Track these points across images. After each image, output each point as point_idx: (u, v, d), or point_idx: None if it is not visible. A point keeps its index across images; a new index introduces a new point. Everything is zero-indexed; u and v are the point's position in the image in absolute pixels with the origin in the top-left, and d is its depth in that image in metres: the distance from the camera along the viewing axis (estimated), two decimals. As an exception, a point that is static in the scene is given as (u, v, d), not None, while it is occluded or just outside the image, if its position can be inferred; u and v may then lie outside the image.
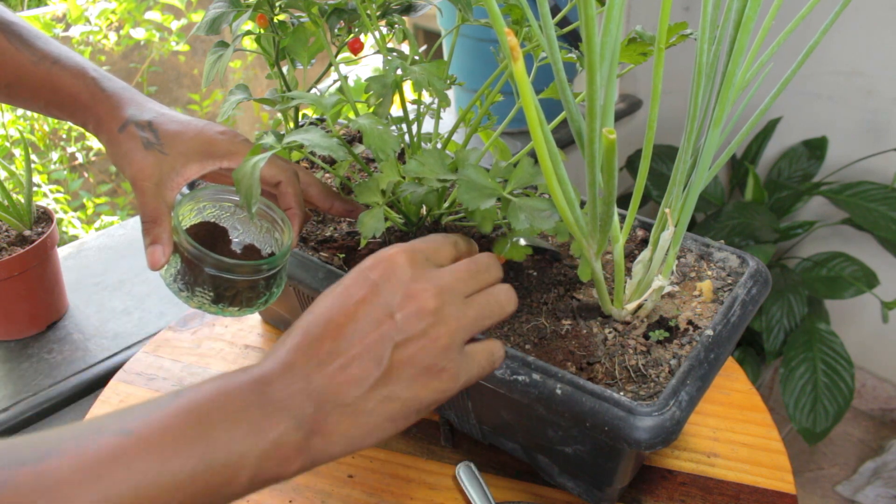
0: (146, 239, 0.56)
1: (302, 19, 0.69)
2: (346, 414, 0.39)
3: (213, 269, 0.55)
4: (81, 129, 1.66)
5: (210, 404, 0.37)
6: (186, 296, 0.58)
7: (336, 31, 0.69)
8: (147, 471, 0.34)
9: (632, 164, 1.71)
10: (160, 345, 0.87)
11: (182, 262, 0.57)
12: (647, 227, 0.70)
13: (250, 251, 0.61)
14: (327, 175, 0.82)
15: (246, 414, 0.37)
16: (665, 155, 1.69)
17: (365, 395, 0.40)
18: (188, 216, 0.60)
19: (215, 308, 0.58)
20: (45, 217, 0.95)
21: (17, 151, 1.51)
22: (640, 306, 0.60)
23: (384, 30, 0.68)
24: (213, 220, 0.61)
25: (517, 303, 0.46)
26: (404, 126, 0.67)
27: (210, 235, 0.60)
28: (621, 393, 0.53)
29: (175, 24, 1.78)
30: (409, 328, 0.41)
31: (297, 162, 0.82)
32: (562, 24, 0.68)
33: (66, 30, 1.67)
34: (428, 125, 1.08)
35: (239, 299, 0.58)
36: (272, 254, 0.61)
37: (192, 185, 0.68)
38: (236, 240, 0.62)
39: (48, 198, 1.45)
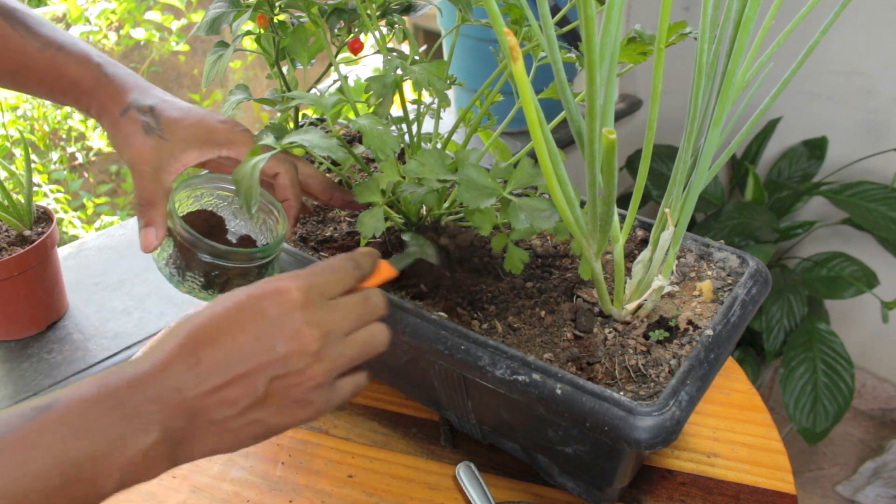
0: (140, 221, 0.56)
1: (302, 19, 0.69)
2: (213, 430, 0.42)
3: (207, 256, 0.56)
4: (81, 130, 1.66)
5: (84, 412, 0.38)
6: (177, 280, 0.58)
7: (336, 31, 0.69)
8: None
9: (632, 164, 1.71)
10: (160, 345, 0.87)
11: (175, 246, 0.57)
12: (647, 227, 0.70)
13: (245, 241, 0.62)
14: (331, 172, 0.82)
15: (116, 425, 0.39)
16: (665, 155, 1.69)
17: (234, 417, 0.42)
18: (185, 202, 0.60)
19: (205, 294, 0.59)
20: (45, 217, 0.95)
21: (17, 151, 1.50)
22: (640, 306, 0.60)
23: (384, 30, 0.68)
24: (210, 209, 0.61)
25: (388, 342, 0.49)
26: (404, 126, 0.67)
27: (206, 223, 0.61)
28: (621, 393, 0.53)
29: (175, 24, 1.77)
30: (289, 365, 0.43)
31: None
32: (561, 23, 0.68)
33: (66, 29, 1.67)
34: (428, 125, 1.08)
35: (229, 286, 0.59)
36: (268, 244, 0.61)
37: None
38: (232, 229, 0.63)
39: (48, 198, 1.45)
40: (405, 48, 0.71)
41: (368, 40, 0.69)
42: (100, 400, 0.39)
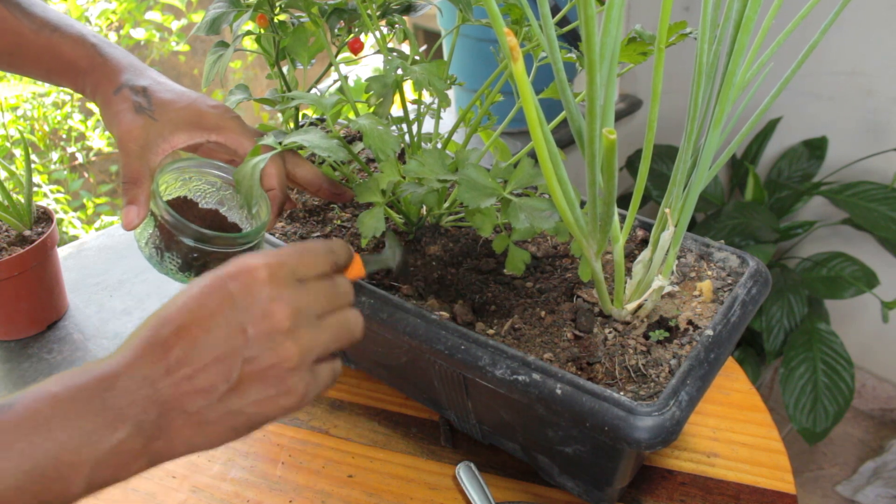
0: (124, 199, 0.57)
1: (302, 19, 0.69)
2: (189, 422, 0.39)
3: (189, 239, 0.56)
4: (81, 130, 1.66)
5: (48, 409, 0.37)
6: (156, 261, 0.59)
7: (336, 31, 0.69)
8: None
9: (632, 164, 1.71)
10: (160, 345, 0.87)
11: (156, 226, 0.58)
12: (647, 227, 0.70)
13: (232, 229, 0.62)
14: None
15: (83, 421, 0.37)
16: (665, 155, 1.69)
17: (210, 407, 0.40)
18: (173, 185, 0.61)
19: (181, 276, 0.59)
20: (45, 217, 0.95)
21: (17, 151, 1.50)
22: (640, 306, 0.60)
23: (384, 30, 0.68)
24: (198, 193, 0.62)
25: (363, 330, 0.46)
26: (404, 126, 0.67)
27: (190, 209, 0.61)
28: (621, 393, 0.53)
29: (175, 24, 1.77)
30: (261, 346, 0.40)
31: None
32: (561, 23, 0.68)
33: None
34: (428, 125, 1.08)
35: (207, 270, 0.59)
36: (249, 230, 0.62)
37: None
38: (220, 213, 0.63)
39: (48, 198, 1.45)
40: (405, 48, 0.71)
41: (368, 40, 0.69)
42: (65, 397, 0.37)
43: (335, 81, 0.73)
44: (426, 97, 0.92)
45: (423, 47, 0.87)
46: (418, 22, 2.11)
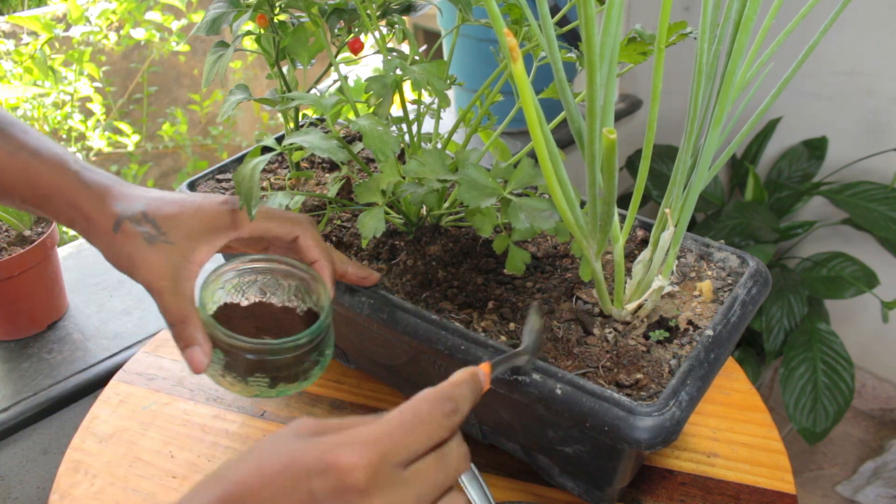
0: (179, 343, 0.51)
1: (302, 19, 0.69)
2: None
3: (252, 355, 0.51)
4: (81, 130, 1.66)
5: None
6: (241, 388, 0.53)
7: (336, 31, 0.69)
8: None
9: (632, 164, 1.71)
10: (160, 345, 0.87)
11: (224, 354, 0.52)
12: (647, 227, 0.70)
13: (282, 314, 0.57)
14: (327, 175, 0.82)
15: None
16: (665, 155, 1.69)
17: None
18: (210, 299, 0.55)
19: (274, 392, 0.54)
20: (45, 217, 0.95)
21: (17, 151, 1.50)
22: (640, 306, 0.60)
23: (384, 30, 0.68)
24: (237, 294, 0.57)
25: None
26: (404, 126, 0.67)
27: (235, 313, 0.56)
28: (621, 393, 0.53)
29: (175, 25, 1.77)
30: None
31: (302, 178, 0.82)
32: (561, 23, 0.68)
33: (66, 30, 1.67)
34: (428, 125, 1.08)
35: (293, 373, 0.54)
36: (309, 311, 0.57)
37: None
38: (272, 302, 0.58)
39: (48, 198, 1.45)
40: (405, 48, 0.71)
41: (368, 40, 0.69)
42: None
43: (335, 81, 0.73)
44: (426, 97, 0.92)
45: (423, 47, 0.87)
46: (418, 22, 2.11)
